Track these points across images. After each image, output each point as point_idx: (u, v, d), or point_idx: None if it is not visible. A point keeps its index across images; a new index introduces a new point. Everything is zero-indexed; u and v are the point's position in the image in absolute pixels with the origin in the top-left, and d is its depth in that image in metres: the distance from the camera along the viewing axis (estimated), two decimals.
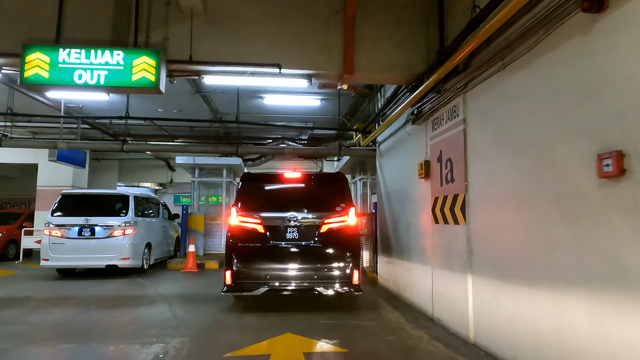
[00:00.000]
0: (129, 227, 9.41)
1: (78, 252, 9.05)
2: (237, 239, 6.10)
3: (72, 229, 9.08)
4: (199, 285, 8.79)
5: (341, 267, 6.02)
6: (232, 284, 5.93)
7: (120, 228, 9.31)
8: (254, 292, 5.83)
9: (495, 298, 4.02)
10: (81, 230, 9.11)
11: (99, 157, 18.56)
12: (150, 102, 10.67)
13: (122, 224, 9.35)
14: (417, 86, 5.52)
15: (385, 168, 8.49)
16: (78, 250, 9.05)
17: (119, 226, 9.30)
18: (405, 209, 6.99)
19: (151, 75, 4.56)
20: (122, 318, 5.83)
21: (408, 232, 6.80)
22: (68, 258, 9.09)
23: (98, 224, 9.18)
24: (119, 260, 9.20)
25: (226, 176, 14.22)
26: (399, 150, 7.41)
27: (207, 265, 11.45)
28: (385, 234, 8.35)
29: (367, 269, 9.98)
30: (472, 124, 4.60)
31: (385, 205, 8.35)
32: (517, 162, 3.70)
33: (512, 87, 3.81)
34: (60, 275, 9.79)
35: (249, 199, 6.37)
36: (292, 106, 10.86)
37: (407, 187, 6.87)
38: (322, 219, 6.14)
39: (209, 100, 10.39)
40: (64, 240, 9.04)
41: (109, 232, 9.23)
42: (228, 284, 5.95)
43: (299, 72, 5.35)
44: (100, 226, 9.19)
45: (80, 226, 9.12)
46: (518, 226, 3.66)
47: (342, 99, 10.00)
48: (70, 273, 10.00)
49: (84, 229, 9.12)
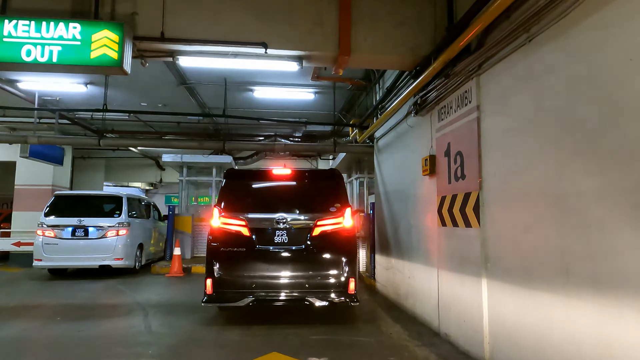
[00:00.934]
0: (122, 228, 9.41)
1: (71, 253, 9.03)
2: (220, 243, 5.47)
3: (66, 230, 9.07)
4: (182, 291, 8.10)
5: (336, 275, 5.40)
6: (214, 293, 5.30)
7: (114, 229, 9.29)
8: (238, 303, 5.18)
9: (518, 313, 3.38)
10: (75, 230, 9.10)
11: (84, 155, 17.85)
12: (133, 96, 9.98)
13: (116, 224, 9.35)
14: (421, 70, 4.89)
15: (383, 165, 7.86)
16: (71, 250, 9.02)
17: (112, 227, 9.28)
18: (407, 210, 6.35)
19: (113, 52, 3.88)
20: (88, 332, 5.14)
21: (409, 235, 6.17)
22: (61, 258, 9.06)
23: (91, 225, 9.19)
24: (112, 260, 9.19)
25: (216, 175, 13.51)
26: (400, 146, 6.77)
27: (194, 270, 10.76)
28: (384, 236, 7.71)
29: (364, 274, 9.33)
30: (487, 110, 3.96)
31: (384, 205, 7.71)
32: (549, 152, 3.06)
33: (540, 63, 3.18)
34: (33, 281, 9.10)
35: (233, 198, 5.75)
36: (284, 100, 10.20)
37: (409, 186, 6.24)
38: (315, 220, 5.52)
39: (195, 93, 9.71)
40: (57, 241, 9.00)
41: (103, 232, 9.24)
42: (209, 294, 5.31)
43: (288, 53, 4.69)
44: (94, 227, 9.19)
45: (74, 227, 9.11)
46: (550, 229, 3.02)
47: (337, 93, 9.35)
48: (61, 273, 9.86)
49: (78, 229, 9.11)
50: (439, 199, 4.94)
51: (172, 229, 11.99)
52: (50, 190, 13.02)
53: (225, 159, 13.02)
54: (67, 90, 9.21)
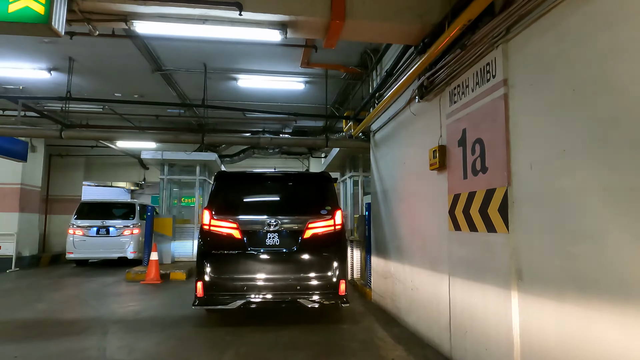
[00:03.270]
0: (135, 227, 12.04)
1: (96, 247, 11.65)
2: (211, 245, 5.43)
3: (92, 229, 11.64)
4: (156, 302, 7.18)
5: (327, 277, 5.40)
6: (205, 296, 5.25)
7: (129, 228, 11.96)
8: (229, 306, 5.12)
9: (567, 344, 2.54)
10: (98, 230, 11.71)
11: (61, 152, 16.84)
12: (104, 85, 9.06)
13: (130, 225, 12.01)
14: (430, 43, 4.05)
15: (381, 161, 7.02)
16: (96, 245, 11.62)
17: (127, 227, 11.94)
18: (409, 211, 5.52)
19: (38, 5, 2.99)
20: (25, 359, 4.23)
21: (412, 240, 5.33)
22: (88, 251, 11.70)
23: (111, 225, 11.81)
24: (128, 253, 11.79)
25: (200, 174, 12.59)
26: (401, 138, 5.93)
27: (173, 276, 9.84)
28: (381, 241, 6.87)
29: (358, 281, 8.47)
30: (518, 84, 3.13)
31: (382, 206, 6.87)
32: (619, 132, 2.23)
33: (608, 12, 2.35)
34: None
35: (223, 201, 5.71)
36: (272, 91, 9.34)
37: (412, 183, 5.41)
38: (306, 223, 5.51)
39: (173, 82, 8.81)
40: (85, 238, 11.57)
41: (120, 231, 11.88)
42: (200, 296, 5.26)
43: (269, 17, 3.83)
44: (114, 227, 11.81)
45: (98, 227, 11.69)
46: (624, 234, 2.18)
47: (330, 83, 8.52)
48: (84, 264, 12.57)
49: (101, 229, 11.70)
50: (450, 198, 4.11)
51: (151, 232, 11.02)
52: (19, 189, 12.04)
53: (209, 157, 12.11)
54: (30, 76, 8.26)
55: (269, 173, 6.21)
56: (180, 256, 11.99)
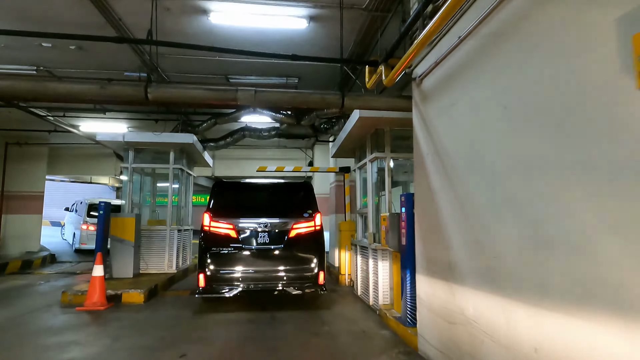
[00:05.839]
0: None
1: None
2: (211, 243, 6.34)
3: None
4: (78, 350, 4.38)
5: (309, 269, 6.38)
6: (206, 286, 6.17)
7: None
8: (227, 294, 6.00)
9: None
10: None
11: (20, 141, 14.15)
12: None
13: None
14: None
15: (442, 120, 4.21)
16: None
17: None
18: (534, 199, 2.73)
19: None
20: None
21: (541, 258, 2.54)
22: None
23: None
24: None
25: (175, 162, 9.79)
26: (506, 56, 3.13)
27: (126, 298, 7.04)
28: (439, 256, 4.06)
29: (389, 314, 5.65)
30: None
31: (442, 197, 4.07)
32: None
33: None
34: None
35: (221, 206, 6.64)
36: (259, 31, 6.54)
37: (547, 140, 2.62)
38: (291, 224, 6.49)
39: (107, 7, 5.99)
40: (94, 233, 12.93)
41: None
42: (202, 287, 6.17)
43: None
44: None
45: None
46: None
47: (346, 17, 5.74)
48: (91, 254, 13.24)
49: None
50: None
51: (102, 235, 8.25)
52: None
53: (185, 138, 9.30)
54: None
55: (260, 183, 7.37)
56: (150, 268, 9.22)
